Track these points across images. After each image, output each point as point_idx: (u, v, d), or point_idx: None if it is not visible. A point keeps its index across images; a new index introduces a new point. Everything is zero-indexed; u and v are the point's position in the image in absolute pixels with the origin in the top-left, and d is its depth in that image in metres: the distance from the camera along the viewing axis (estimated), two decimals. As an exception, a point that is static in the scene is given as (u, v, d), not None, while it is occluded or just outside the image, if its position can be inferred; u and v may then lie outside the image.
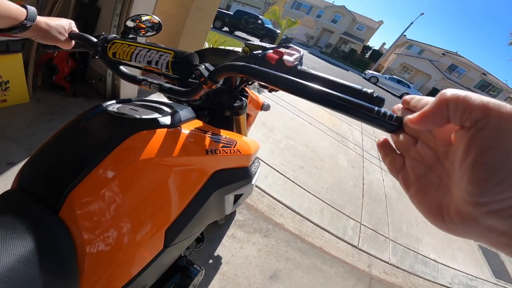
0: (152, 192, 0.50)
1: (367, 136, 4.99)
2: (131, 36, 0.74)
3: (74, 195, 0.43)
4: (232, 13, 14.46)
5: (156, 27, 0.75)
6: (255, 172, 0.98)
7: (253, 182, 0.90)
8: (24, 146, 1.60)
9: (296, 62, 0.54)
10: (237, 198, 0.88)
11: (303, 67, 0.54)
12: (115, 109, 0.58)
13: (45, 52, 2.22)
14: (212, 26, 3.55)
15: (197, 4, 3.03)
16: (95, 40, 0.66)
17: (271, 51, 0.57)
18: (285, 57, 0.55)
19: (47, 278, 0.37)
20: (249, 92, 1.00)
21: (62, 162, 0.47)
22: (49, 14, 2.18)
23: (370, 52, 33.03)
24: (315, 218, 2.13)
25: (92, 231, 0.42)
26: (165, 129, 0.56)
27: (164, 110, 0.63)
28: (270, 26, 13.46)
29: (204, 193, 0.63)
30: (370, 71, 22.02)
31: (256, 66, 0.45)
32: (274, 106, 4.05)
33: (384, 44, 40.21)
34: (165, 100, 0.77)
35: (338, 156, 3.52)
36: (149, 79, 0.60)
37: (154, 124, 0.55)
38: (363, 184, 3.13)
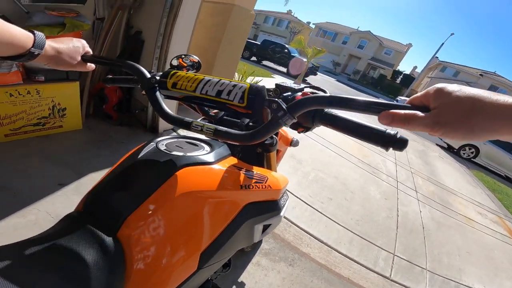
0: (192, 220, 0.58)
1: (402, 167, 4.79)
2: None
3: (131, 220, 0.50)
4: (259, 43, 15.03)
5: (196, 66, 0.85)
6: (284, 205, 1.01)
7: (281, 214, 0.94)
8: (75, 170, 1.79)
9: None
10: (265, 227, 0.92)
11: (329, 110, 0.56)
12: (164, 146, 0.66)
13: (98, 81, 2.51)
14: (241, 56, 3.77)
15: (227, 37, 3.27)
16: (146, 72, 0.65)
17: (299, 93, 0.64)
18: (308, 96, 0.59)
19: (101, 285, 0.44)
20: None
21: (122, 191, 0.56)
22: (102, 46, 2.49)
23: (401, 76, 31.78)
24: (343, 249, 2.04)
25: (141, 251, 0.49)
26: (206, 166, 0.63)
27: (204, 148, 0.71)
28: (296, 55, 13.74)
29: (236, 222, 0.69)
30: (403, 97, 21.30)
31: (345, 96, 0.44)
32: (303, 138, 4.08)
33: (415, 67, 38.87)
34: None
35: (370, 188, 3.41)
36: (199, 121, 0.55)
37: (197, 162, 0.62)
38: (398, 215, 2.98)
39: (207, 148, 0.72)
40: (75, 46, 0.66)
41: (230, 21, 3.17)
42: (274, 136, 0.88)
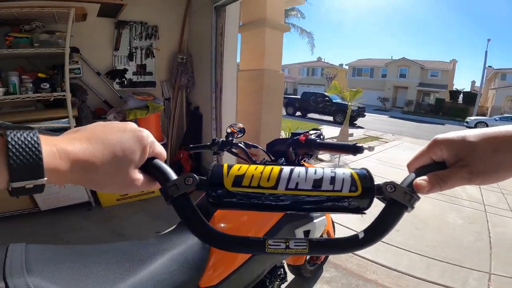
0: (248, 217, 0.88)
1: (489, 191, 4.19)
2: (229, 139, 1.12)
3: (215, 216, 0.84)
4: (299, 97, 15.23)
5: (243, 131, 1.18)
6: (316, 217, 1.17)
7: (314, 221, 1.11)
8: (166, 221, 2.25)
9: (315, 137, 0.94)
10: (306, 234, 1.08)
11: (320, 139, 0.96)
12: None
13: (175, 153, 3.09)
14: (285, 113, 4.08)
15: (266, 98, 3.64)
16: (171, 174, 0.39)
17: (302, 135, 0.94)
18: (310, 136, 0.93)
19: (195, 260, 0.72)
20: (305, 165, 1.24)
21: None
22: (173, 123, 3.10)
23: (461, 95, 28.77)
24: (419, 273, 1.86)
25: None
26: None
27: None
28: (338, 100, 13.14)
29: (280, 222, 0.93)
30: (473, 117, 18.87)
31: None
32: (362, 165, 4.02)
33: (474, 82, 34.81)
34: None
35: (448, 215, 3.08)
36: (275, 241, 0.36)
37: None
38: (490, 237, 2.59)
39: None
40: (128, 145, 0.35)
41: (264, 84, 3.58)
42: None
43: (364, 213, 0.37)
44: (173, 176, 0.39)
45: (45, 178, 0.26)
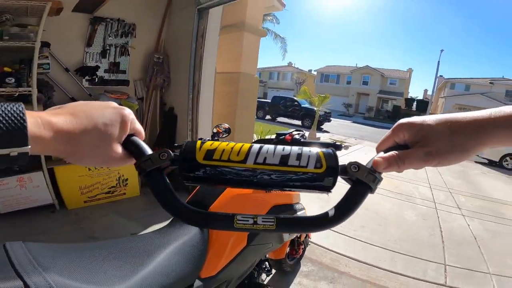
0: (242, 209, 0.93)
1: (438, 190, 4.66)
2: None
3: (212, 208, 0.88)
4: (270, 101, 15.28)
5: (228, 131, 1.22)
6: (300, 209, 1.26)
7: (298, 213, 1.20)
8: (141, 223, 2.24)
9: (299, 137, 1.01)
10: None
11: (303, 139, 1.01)
12: None
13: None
14: (256, 116, 4.15)
15: (241, 102, 3.69)
16: (146, 148, 0.41)
17: (287, 135, 1.02)
18: (295, 136, 1.01)
19: (195, 253, 0.75)
20: None
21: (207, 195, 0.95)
22: (145, 124, 2.98)
23: (415, 103, 31.12)
24: (385, 265, 2.06)
25: (215, 231, 0.83)
26: None
27: None
28: (307, 105, 13.62)
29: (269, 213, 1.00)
30: (425, 124, 20.58)
31: None
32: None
33: (426, 90, 38.01)
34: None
35: (404, 212, 3.38)
36: (244, 217, 0.37)
37: None
38: (441, 232, 2.91)
39: None
40: (109, 120, 0.36)
41: (239, 87, 3.63)
42: None
43: (330, 192, 0.39)
44: (149, 151, 0.40)
45: (29, 146, 0.28)
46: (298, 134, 1.07)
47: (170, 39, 3.10)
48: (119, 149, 0.38)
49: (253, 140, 3.85)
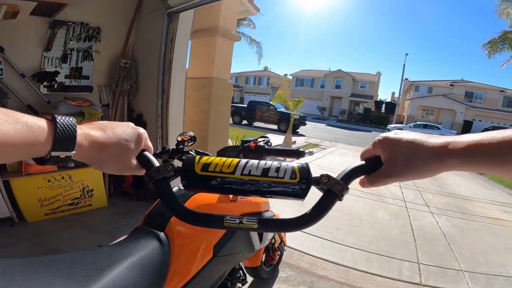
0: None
1: (407, 189, 4.87)
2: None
3: (172, 221, 0.80)
4: (246, 106, 15.28)
5: (193, 139, 1.17)
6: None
7: None
8: (109, 235, 2.13)
9: (263, 144, 1.00)
10: (260, 236, 1.14)
11: (268, 146, 1.01)
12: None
13: None
14: (232, 121, 4.12)
15: (214, 108, 3.62)
16: (154, 161, 0.53)
17: (252, 142, 1.00)
18: (259, 143, 1.00)
19: (156, 266, 0.68)
20: None
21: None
22: None
23: (384, 105, 32.20)
24: (362, 266, 2.08)
25: (178, 240, 0.77)
26: None
27: None
28: (283, 109, 13.66)
29: None
30: (393, 125, 21.63)
31: None
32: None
33: (394, 93, 39.04)
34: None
35: (377, 212, 3.48)
36: (231, 217, 0.47)
37: None
38: (412, 230, 3.01)
39: None
40: (129, 136, 0.47)
41: (212, 92, 3.56)
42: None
43: (303, 199, 0.47)
44: (157, 164, 0.51)
45: (74, 152, 0.36)
46: (263, 141, 1.06)
47: (139, 44, 2.97)
48: (134, 160, 0.49)
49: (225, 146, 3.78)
